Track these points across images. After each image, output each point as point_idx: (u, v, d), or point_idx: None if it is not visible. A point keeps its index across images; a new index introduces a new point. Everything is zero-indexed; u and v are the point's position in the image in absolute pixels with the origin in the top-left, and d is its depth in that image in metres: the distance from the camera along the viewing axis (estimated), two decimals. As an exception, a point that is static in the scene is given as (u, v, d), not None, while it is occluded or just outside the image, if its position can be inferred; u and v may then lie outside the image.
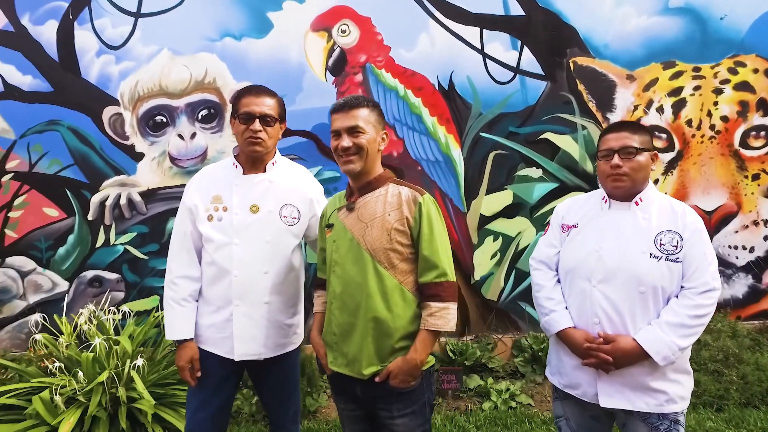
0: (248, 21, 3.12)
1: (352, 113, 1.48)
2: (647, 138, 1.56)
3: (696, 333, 1.46)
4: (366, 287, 1.43)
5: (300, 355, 1.77)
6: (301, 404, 2.54)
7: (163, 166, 3.22)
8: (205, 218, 1.67)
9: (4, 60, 3.13)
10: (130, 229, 3.23)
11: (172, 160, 3.22)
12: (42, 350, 2.60)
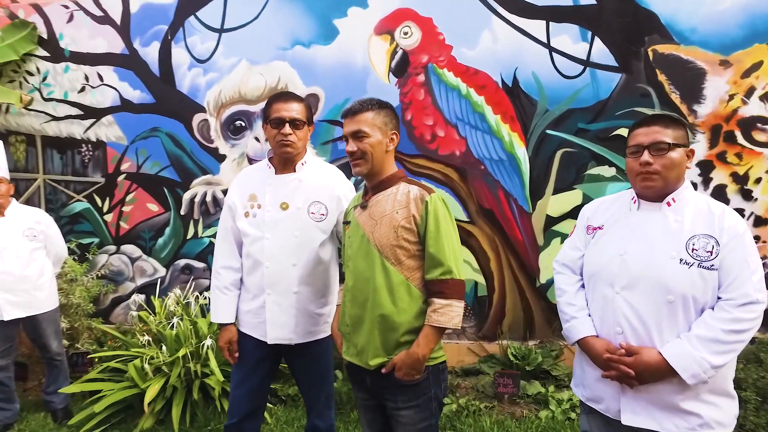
0: (316, 29, 3.40)
1: (356, 118, 1.61)
2: (682, 132, 1.46)
3: (733, 351, 1.34)
4: (374, 282, 1.57)
5: (334, 344, 1.95)
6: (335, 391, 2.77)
7: (241, 166, 3.62)
8: (242, 215, 1.94)
9: (121, 78, 3.75)
10: (214, 223, 3.67)
11: (249, 160, 3.62)
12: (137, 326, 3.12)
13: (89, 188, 3.90)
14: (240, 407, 2.02)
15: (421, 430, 1.60)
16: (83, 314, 3.53)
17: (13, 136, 4.01)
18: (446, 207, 1.59)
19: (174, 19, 3.60)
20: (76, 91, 3.83)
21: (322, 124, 3.48)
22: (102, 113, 3.80)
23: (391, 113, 1.68)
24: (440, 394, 1.65)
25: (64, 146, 3.92)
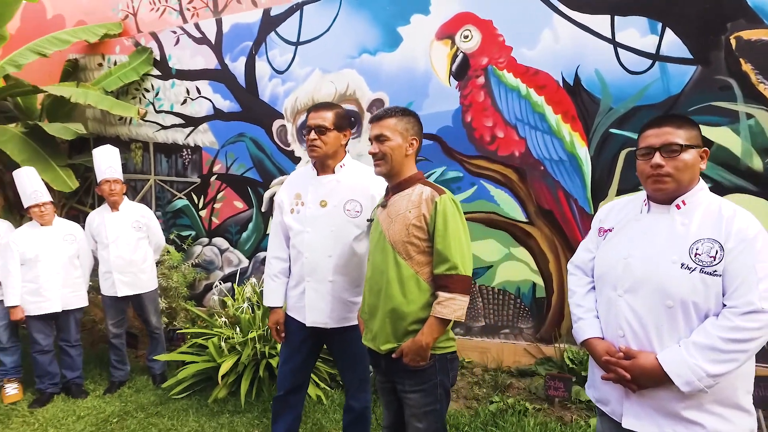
0: (381, 37, 3.71)
1: (380, 123, 1.83)
2: (695, 133, 1.45)
3: (733, 360, 1.31)
4: (387, 274, 1.79)
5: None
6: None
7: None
8: (288, 211, 2.28)
9: (214, 90, 4.39)
10: (291, 220, 4.13)
11: (321, 162, 4.01)
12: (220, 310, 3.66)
13: (188, 187, 4.61)
14: (285, 382, 2.37)
15: (425, 414, 1.80)
16: (180, 297, 4.18)
17: (134, 144, 4.87)
18: (456, 207, 1.77)
19: (257, 35, 4.15)
20: (180, 103, 4.55)
21: (385, 127, 3.76)
22: (199, 122, 4.48)
23: (413, 120, 1.87)
24: (447, 382, 1.82)
25: (170, 151, 4.67)
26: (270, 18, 4.10)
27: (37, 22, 5.31)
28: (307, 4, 3.95)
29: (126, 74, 4.55)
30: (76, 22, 5.06)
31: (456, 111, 3.57)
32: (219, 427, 2.92)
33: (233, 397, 3.21)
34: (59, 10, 5.24)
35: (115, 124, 4.91)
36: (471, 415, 2.97)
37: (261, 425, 2.96)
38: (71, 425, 3.01)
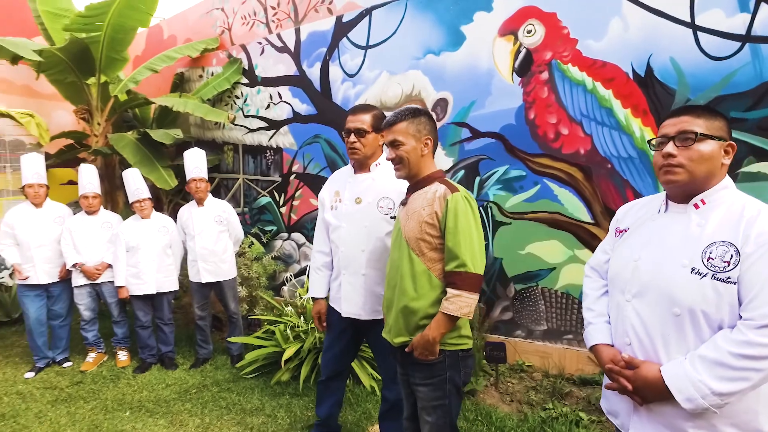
0: (445, 37, 3.80)
1: (392, 129, 1.92)
2: (719, 124, 1.35)
3: (744, 379, 1.20)
4: (401, 269, 1.90)
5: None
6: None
7: (382, 168, 4.22)
8: (329, 208, 2.48)
9: (293, 95, 4.80)
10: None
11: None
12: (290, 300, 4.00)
13: (270, 186, 5.07)
14: (327, 368, 2.60)
15: (434, 408, 1.90)
16: (260, 287, 4.62)
17: (226, 146, 5.46)
18: (468, 205, 1.82)
19: (331, 41, 4.46)
20: (264, 108, 5.03)
21: (450, 126, 3.83)
22: (280, 125, 4.92)
23: (424, 120, 1.95)
24: (457, 379, 1.89)
25: (256, 152, 5.18)
26: (342, 24, 4.38)
27: (157, 43, 6.19)
28: (375, 9, 4.16)
29: (220, 83, 5.14)
30: (185, 39, 5.82)
31: (519, 108, 3.54)
32: (278, 407, 3.23)
33: (294, 381, 3.53)
34: (173, 31, 6.06)
35: (212, 128, 5.56)
36: (519, 419, 2.96)
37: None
38: (160, 391, 3.53)
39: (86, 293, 3.99)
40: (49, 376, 3.85)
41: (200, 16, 5.67)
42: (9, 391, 3.59)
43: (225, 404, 3.30)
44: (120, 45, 4.58)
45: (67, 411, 3.26)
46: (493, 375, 3.46)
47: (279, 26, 4.93)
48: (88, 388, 3.61)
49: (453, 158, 3.86)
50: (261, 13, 5.07)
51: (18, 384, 3.72)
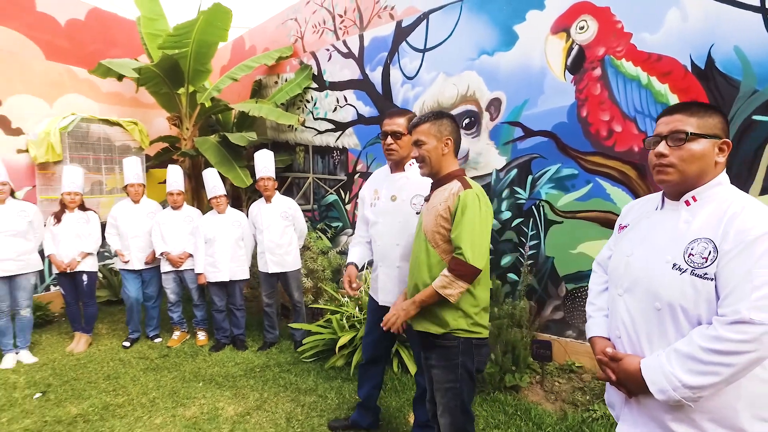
0: (499, 37, 3.87)
1: (416, 130, 2.11)
2: (713, 122, 1.37)
3: (714, 373, 1.23)
4: (420, 259, 2.09)
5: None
6: (499, 377, 3.21)
7: (438, 167, 4.37)
8: (369, 205, 2.69)
9: (357, 98, 5.09)
10: (416, 215, 4.57)
11: (444, 161, 4.33)
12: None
13: (337, 184, 5.41)
14: (366, 353, 2.84)
15: (446, 390, 2.06)
16: (324, 279, 4.97)
17: (298, 147, 5.89)
18: (478, 202, 1.96)
19: (391, 46, 4.68)
20: (331, 111, 5.37)
21: (503, 125, 3.90)
22: (345, 126, 5.23)
23: (446, 122, 2.11)
24: (469, 365, 2.03)
25: (324, 153, 5.54)
26: (401, 29, 4.59)
27: (240, 53, 6.81)
28: (432, 13, 4.32)
29: (292, 89, 5.57)
30: (263, 48, 6.35)
31: (571, 106, 3.52)
32: (329, 389, 3.52)
33: (347, 366, 3.80)
34: (253, 42, 6.63)
35: (285, 131, 6.03)
36: (559, 417, 2.98)
37: (362, 392, 3.47)
38: (230, 368, 3.97)
39: (171, 279, 4.58)
40: (143, 349, 4.48)
41: (277, 26, 6.16)
42: (113, 358, 4.25)
43: (283, 383, 3.65)
44: (204, 58, 5.16)
45: (154, 378, 3.80)
46: (539, 373, 3.49)
47: (346, 33, 5.24)
48: (172, 361, 4.16)
49: (506, 157, 3.91)
50: (329, 21, 5.42)
51: (120, 353, 4.38)
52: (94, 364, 4.11)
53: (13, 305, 4.20)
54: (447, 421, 2.06)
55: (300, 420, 3.08)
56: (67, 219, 4.36)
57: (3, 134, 5.37)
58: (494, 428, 2.91)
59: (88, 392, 3.54)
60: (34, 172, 5.57)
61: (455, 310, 2.00)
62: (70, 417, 3.18)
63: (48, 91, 5.78)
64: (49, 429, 3.03)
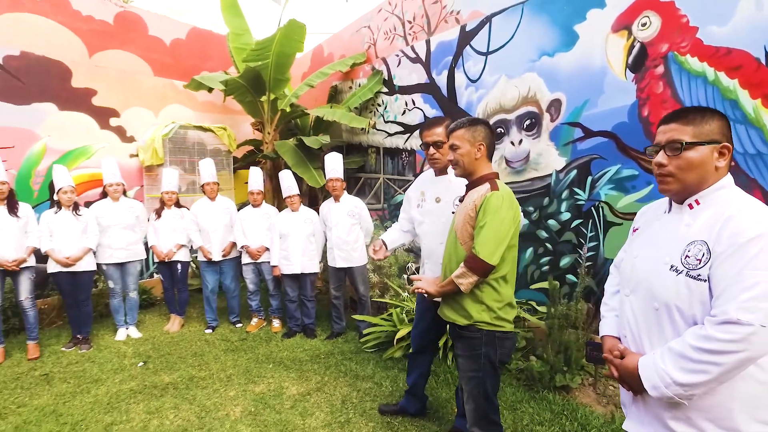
0: (559, 37, 3.88)
1: (453, 135, 2.29)
2: (710, 128, 1.39)
3: (703, 372, 1.28)
4: (450, 253, 2.29)
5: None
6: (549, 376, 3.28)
7: (501, 167, 4.47)
8: (415, 206, 2.89)
9: (424, 101, 5.29)
10: (478, 215, 4.67)
11: (507, 162, 4.41)
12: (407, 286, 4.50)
13: (405, 185, 5.63)
14: (414, 342, 3.05)
15: (470, 378, 2.22)
16: (391, 275, 5.23)
17: (370, 149, 6.21)
18: (501, 203, 2.09)
19: (456, 50, 4.82)
20: (401, 114, 5.61)
21: (563, 126, 3.90)
22: (413, 129, 5.44)
23: (480, 128, 2.26)
24: (492, 356, 2.17)
25: (394, 154, 5.80)
26: (466, 33, 4.71)
27: (319, 60, 7.28)
28: (495, 16, 4.40)
29: (364, 93, 5.89)
30: (340, 56, 6.75)
31: (632, 105, 3.46)
32: (385, 377, 3.77)
33: (404, 358, 4.02)
34: (331, 49, 7.06)
35: (358, 133, 6.37)
36: (606, 420, 2.98)
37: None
38: (298, 353, 4.37)
39: (250, 270, 5.10)
40: (225, 332, 5.04)
41: (352, 34, 6.53)
42: (200, 338, 4.85)
43: (344, 369, 3.96)
44: (283, 68, 5.64)
45: (232, 357, 4.29)
46: (592, 375, 3.47)
47: (414, 38, 5.46)
48: (249, 344, 4.64)
49: (566, 158, 3.90)
50: (399, 27, 5.67)
51: (205, 335, 4.97)
52: (184, 342, 4.73)
53: (124, 288, 4.95)
54: (471, 407, 2.22)
55: (354, 403, 3.36)
56: (166, 215, 5.04)
57: (119, 141, 6.28)
58: (538, 425, 2.98)
59: (178, 365, 4.11)
60: (142, 174, 6.45)
61: (479, 304, 2.15)
62: (163, 384, 3.73)
63: (154, 103, 6.63)
64: (148, 392, 3.59)
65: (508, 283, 2.19)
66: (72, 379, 3.84)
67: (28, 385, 3.76)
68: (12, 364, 4.20)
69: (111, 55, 6.22)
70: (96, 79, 6.05)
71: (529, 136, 4.22)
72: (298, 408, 3.29)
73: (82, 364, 4.18)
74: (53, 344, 4.69)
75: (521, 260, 4.24)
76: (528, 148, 4.23)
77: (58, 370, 4.04)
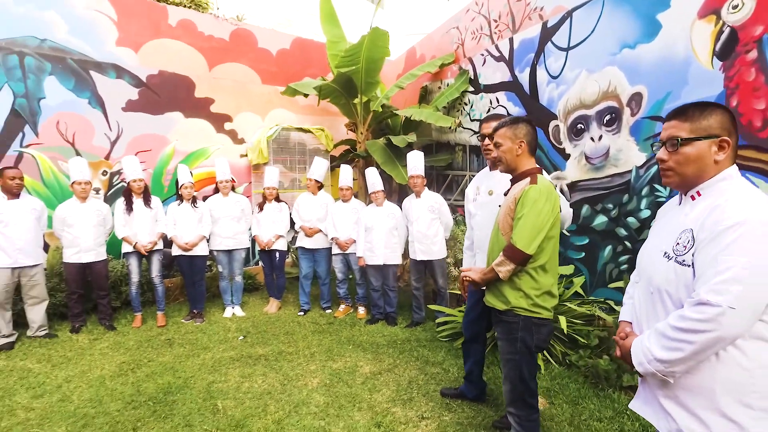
0: (641, 28, 3.79)
1: (496, 133, 2.48)
2: (708, 123, 1.47)
3: (677, 349, 1.39)
4: (493, 243, 2.45)
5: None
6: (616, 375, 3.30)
7: (581, 164, 4.44)
8: (472, 200, 3.06)
9: (507, 99, 5.36)
10: (558, 213, 4.66)
11: (586, 158, 4.37)
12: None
13: (487, 182, 5.73)
14: (466, 331, 3.25)
15: (507, 360, 2.39)
16: (469, 270, 5.38)
17: (457, 146, 6.39)
18: (539, 196, 2.23)
19: (537, 46, 4.84)
20: (485, 112, 5.72)
21: (644, 121, 3.79)
22: (496, 127, 5.51)
23: (521, 126, 2.42)
24: (528, 341, 2.31)
25: (479, 152, 5.93)
26: (547, 30, 4.71)
27: (412, 61, 7.61)
28: (575, 11, 4.36)
29: (451, 93, 6.09)
30: (431, 56, 7.00)
31: (719, 96, 3.28)
32: (453, 364, 3.98)
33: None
34: (423, 51, 7.35)
35: (446, 132, 6.57)
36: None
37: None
38: (377, 338, 4.72)
39: (339, 260, 5.56)
40: (315, 316, 5.57)
41: (442, 35, 6.75)
42: (293, 320, 5.41)
43: (416, 355, 4.23)
44: (373, 72, 6.04)
45: (317, 338, 4.76)
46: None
47: (500, 37, 5.54)
48: (334, 328, 5.10)
49: (646, 153, 3.78)
50: (486, 26, 5.77)
51: (297, 317, 5.54)
52: (279, 322, 5.32)
53: (231, 272, 5.70)
54: (507, 389, 2.38)
55: (419, 384, 3.62)
56: (267, 208, 5.69)
57: (231, 143, 7.15)
58: (597, 421, 3.00)
59: (271, 341, 4.68)
60: (250, 172, 7.26)
61: (517, 290, 2.30)
62: (257, 355, 4.30)
63: (262, 108, 7.43)
64: (244, 360, 4.17)
65: (547, 273, 2.30)
66: (187, 345, 4.58)
67: (155, 346, 4.57)
68: (146, 329, 5.10)
69: (226, 67, 7.11)
70: (214, 90, 6.97)
71: (609, 132, 4.13)
72: (368, 384, 3.63)
73: (195, 333, 4.93)
74: (175, 316, 5.56)
75: (600, 258, 4.17)
76: (608, 144, 4.14)
77: (178, 337, 4.82)
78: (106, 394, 3.52)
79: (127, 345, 4.59)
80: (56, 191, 5.75)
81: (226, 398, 3.42)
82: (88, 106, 5.97)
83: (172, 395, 3.48)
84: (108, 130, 6.12)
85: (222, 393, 3.51)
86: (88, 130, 5.98)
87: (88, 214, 5.00)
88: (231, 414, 3.19)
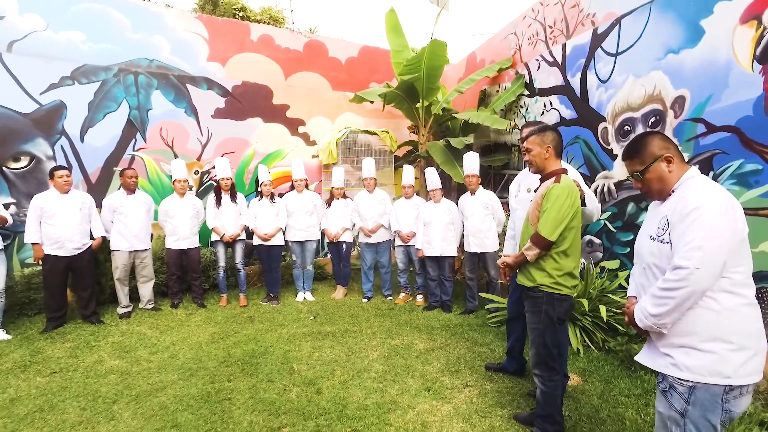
0: (685, 34, 4.02)
1: (527, 140, 2.86)
2: (648, 152, 1.97)
3: (663, 304, 1.83)
4: (524, 233, 2.85)
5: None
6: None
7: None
8: (514, 196, 3.47)
9: (560, 102, 5.66)
10: (609, 209, 4.91)
11: (634, 158, 4.61)
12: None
13: (541, 181, 6.04)
14: (509, 311, 3.69)
15: (533, 329, 2.83)
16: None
17: (513, 147, 6.73)
18: (561, 193, 2.63)
19: (588, 52, 5.11)
20: (540, 115, 6.04)
21: (686, 123, 4.01)
22: (549, 128, 5.81)
23: (548, 133, 2.81)
24: (551, 312, 2.72)
25: (532, 152, 6.22)
26: (597, 36, 4.97)
27: (472, 65, 8.00)
28: (624, 17, 4.61)
29: (507, 97, 6.45)
30: (490, 61, 7.37)
31: (758, 98, 3.47)
32: (500, 346, 4.42)
33: (521, 333, 4.56)
34: (483, 56, 7.72)
35: (504, 134, 6.92)
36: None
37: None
38: (432, 323, 5.22)
39: (401, 251, 6.11)
40: (377, 302, 6.16)
41: (500, 41, 7.09)
42: (357, 305, 6.03)
43: (466, 337, 4.68)
44: (433, 78, 6.53)
45: (379, 321, 5.34)
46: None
47: (554, 42, 5.83)
48: (394, 312, 5.66)
49: (687, 154, 3.99)
50: (541, 32, 6.08)
51: (361, 303, 6.15)
52: (345, 307, 5.95)
53: (303, 261, 6.40)
54: (533, 353, 2.82)
55: (467, 360, 4.08)
56: (335, 204, 6.35)
57: (304, 145, 7.92)
58: (625, 396, 3.32)
59: (337, 322, 5.31)
60: (321, 171, 7.99)
61: (541, 271, 2.73)
62: (326, 332, 4.94)
63: (332, 113, 8.14)
64: (314, 336, 4.82)
65: (568, 257, 2.70)
66: (266, 322, 5.32)
67: (239, 321, 5.34)
68: (230, 308, 5.93)
69: (300, 76, 7.88)
70: (289, 97, 7.76)
71: (657, 133, 4.35)
72: (421, 358, 4.14)
73: (272, 313, 5.67)
74: (255, 299, 6.36)
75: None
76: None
77: (258, 315, 5.58)
78: (203, 355, 4.29)
79: (216, 320, 5.41)
80: (158, 188, 6.75)
81: (300, 363, 4.07)
82: (184, 114, 6.94)
83: (255, 358, 4.19)
84: (200, 135, 7.07)
85: (296, 359, 4.17)
86: (184, 135, 6.96)
87: (185, 207, 5.90)
88: (304, 375, 3.82)
